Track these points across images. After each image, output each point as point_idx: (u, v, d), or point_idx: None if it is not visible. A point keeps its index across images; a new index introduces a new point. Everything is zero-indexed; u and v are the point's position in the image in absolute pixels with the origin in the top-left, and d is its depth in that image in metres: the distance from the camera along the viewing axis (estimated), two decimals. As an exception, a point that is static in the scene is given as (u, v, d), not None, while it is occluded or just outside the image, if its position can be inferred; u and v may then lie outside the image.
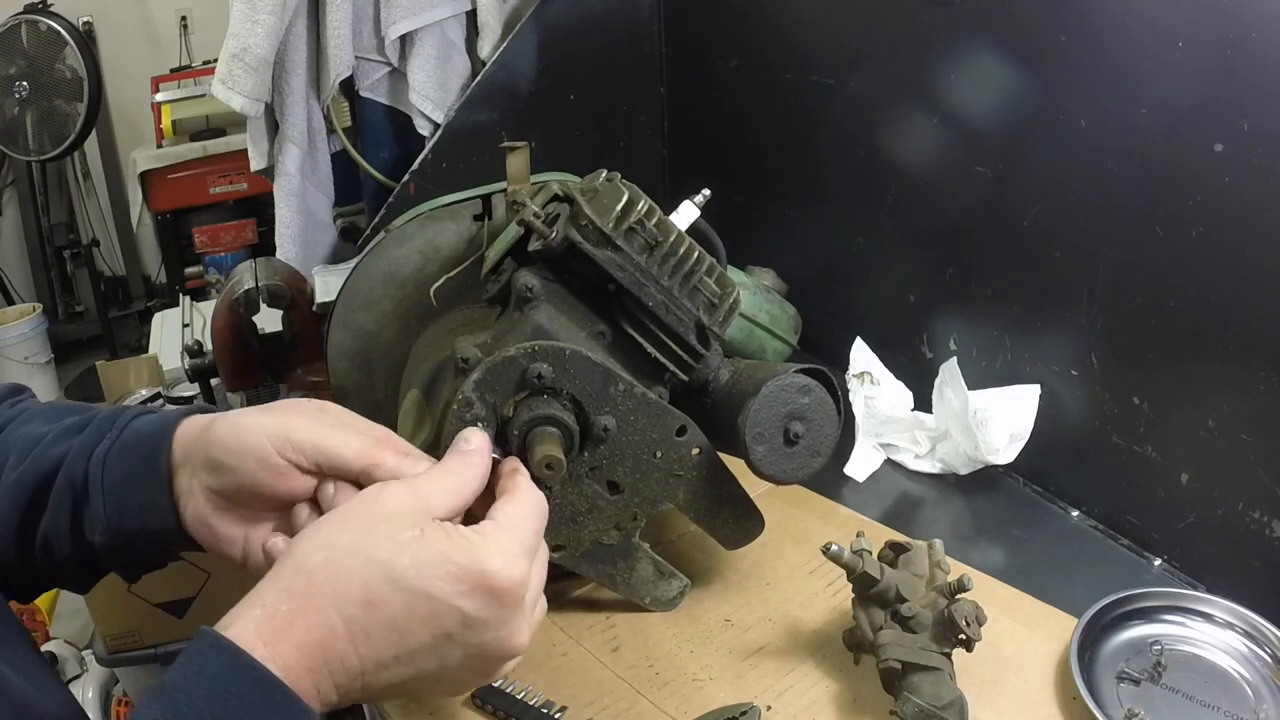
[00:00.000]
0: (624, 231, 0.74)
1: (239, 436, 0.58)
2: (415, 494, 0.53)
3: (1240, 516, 0.86)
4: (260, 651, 0.46)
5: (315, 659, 0.47)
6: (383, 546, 0.49)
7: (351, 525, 0.51)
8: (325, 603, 0.47)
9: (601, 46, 1.42)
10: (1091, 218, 0.93)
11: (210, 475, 0.59)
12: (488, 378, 0.71)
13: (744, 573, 0.92)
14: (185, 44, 3.64)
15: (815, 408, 0.79)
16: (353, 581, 0.48)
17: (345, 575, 0.48)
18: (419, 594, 0.49)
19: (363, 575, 0.48)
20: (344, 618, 0.48)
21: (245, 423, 0.59)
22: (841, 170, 1.23)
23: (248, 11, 1.28)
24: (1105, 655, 0.80)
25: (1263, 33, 0.75)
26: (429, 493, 0.54)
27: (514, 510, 0.55)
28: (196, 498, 0.60)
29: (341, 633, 0.48)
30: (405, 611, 0.49)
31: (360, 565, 0.48)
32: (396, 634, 0.49)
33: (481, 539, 0.52)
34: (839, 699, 0.78)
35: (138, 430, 0.63)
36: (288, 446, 0.58)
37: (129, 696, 1.66)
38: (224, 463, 0.58)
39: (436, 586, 0.49)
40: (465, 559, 0.50)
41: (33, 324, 3.34)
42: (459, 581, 0.49)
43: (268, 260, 1.34)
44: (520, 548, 0.53)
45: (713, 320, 0.79)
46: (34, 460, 0.62)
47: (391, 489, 0.53)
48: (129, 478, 0.61)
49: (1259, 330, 0.81)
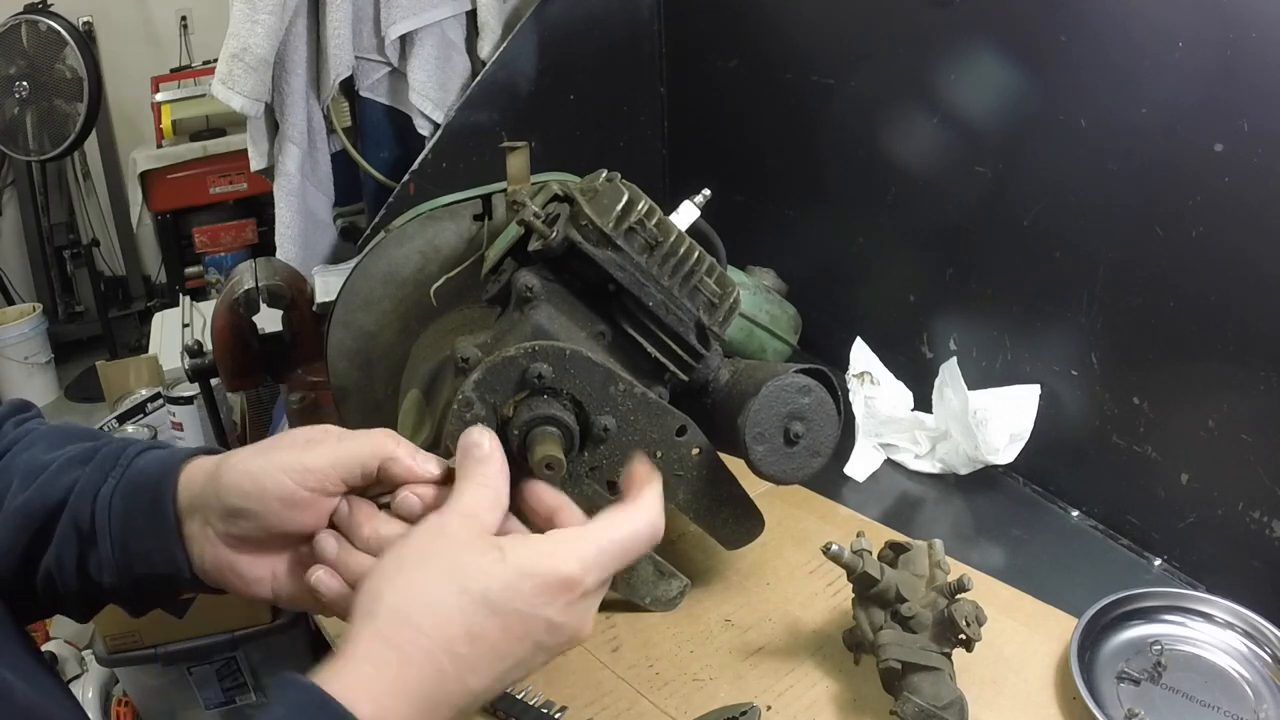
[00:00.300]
0: (624, 231, 0.74)
1: (256, 480, 0.58)
2: (471, 518, 0.54)
3: (1240, 516, 0.86)
4: (367, 711, 0.46)
5: (425, 708, 0.48)
6: (474, 578, 0.50)
7: (434, 564, 0.51)
8: (432, 646, 0.48)
9: (601, 46, 1.42)
10: (1091, 218, 0.93)
11: (228, 522, 0.59)
12: (488, 378, 0.71)
13: (744, 573, 0.92)
14: (185, 44, 3.64)
15: (815, 408, 0.79)
16: (455, 620, 0.49)
17: (448, 616, 0.49)
18: (512, 614, 0.50)
19: (463, 611, 0.49)
20: (451, 657, 0.49)
21: (257, 465, 0.58)
22: (841, 170, 1.23)
23: (248, 11, 1.28)
24: (1105, 655, 0.80)
25: (1263, 33, 0.75)
26: (478, 512, 0.54)
27: (605, 521, 0.55)
28: (214, 545, 0.60)
29: (450, 673, 0.49)
30: (503, 635, 0.50)
31: (460, 602, 0.49)
32: (498, 658, 0.50)
33: (553, 544, 0.53)
34: (839, 699, 0.78)
35: (143, 470, 0.62)
36: (308, 477, 0.57)
37: (129, 696, 1.66)
38: (244, 508, 0.58)
39: (526, 602, 0.50)
40: (546, 570, 0.51)
41: (33, 324, 3.34)
42: (543, 593, 0.51)
43: (268, 260, 1.34)
44: (597, 549, 0.53)
45: (713, 320, 0.79)
46: (39, 490, 0.62)
47: (447, 519, 0.53)
48: (136, 523, 0.60)
49: (1259, 330, 0.81)
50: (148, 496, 0.61)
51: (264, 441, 0.61)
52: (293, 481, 0.57)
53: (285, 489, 0.57)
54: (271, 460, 0.58)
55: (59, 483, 0.62)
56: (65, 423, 0.70)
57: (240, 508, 0.58)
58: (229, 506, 0.58)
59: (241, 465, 0.59)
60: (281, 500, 0.57)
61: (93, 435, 0.67)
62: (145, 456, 0.63)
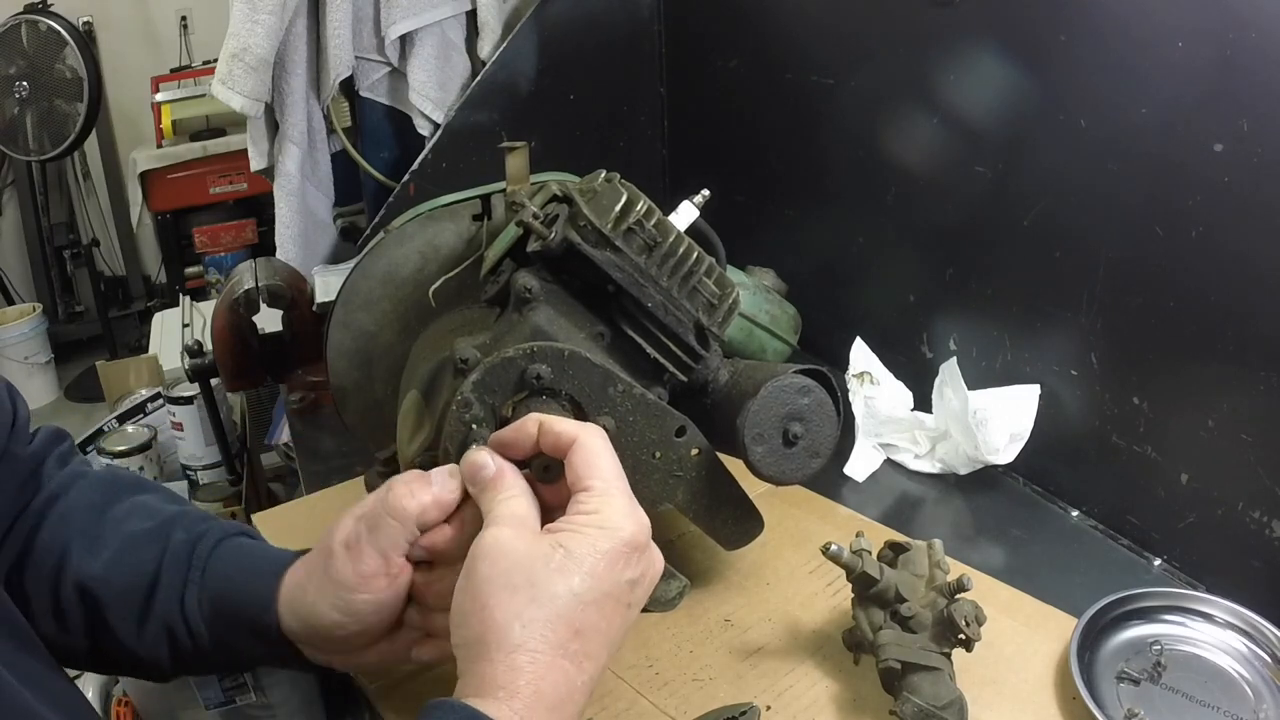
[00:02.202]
0: (622, 232, 0.74)
1: (319, 620, 0.63)
2: (519, 525, 0.55)
3: (1240, 516, 0.86)
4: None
5: (568, 709, 0.51)
6: (555, 582, 0.52)
7: (512, 584, 0.52)
8: (551, 657, 0.51)
9: (601, 46, 1.42)
10: (1092, 217, 0.93)
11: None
12: (486, 379, 0.71)
13: (744, 573, 0.92)
14: (185, 44, 3.64)
15: (814, 408, 0.79)
16: (558, 627, 0.51)
17: (551, 625, 0.51)
18: (601, 595, 0.53)
19: (560, 616, 0.52)
20: (569, 657, 0.51)
21: (310, 608, 0.64)
22: (842, 170, 1.23)
23: (248, 11, 1.28)
24: (1105, 655, 0.80)
25: (1263, 32, 0.75)
26: (522, 517, 0.56)
27: (592, 466, 0.57)
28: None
29: (573, 670, 0.51)
30: (602, 616, 0.53)
31: (555, 609, 0.52)
32: (606, 635, 0.54)
33: (600, 516, 0.55)
34: (839, 699, 0.78)
35: (230, 585, 0.67)
36: (355, 602, 0.62)
37: (129, 696, 1.66)
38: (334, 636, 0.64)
39: (607, 580, 0.53)
40: (609, 544, 0.53)
41: (33, 324, 3.34)
42: (615, 563, 0.53)
43: (268, 260, 1.34)
44: (625, 496, 0.56)
45: (712, 321, 0.79)
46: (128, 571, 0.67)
47: (499, 537, 0.54)
48: (235, 634, 0.67)
49: (1259, 330, 0.81)
50: (246, 617, 0.66)
51: (311, 563, 0.65)
52: (342, 615, 0.62)
53: (344, 623, 0.62)
54: (321, 600, 0.63)
55: (142, 567, 0.66)
56: (111, 470, 0.73)
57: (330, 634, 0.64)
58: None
59: (304, 611, 0.64)
60: (351, 621, 0.62)
61: (142, 486, 0.72)
62: (223, 561, 0.67)
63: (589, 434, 0.59)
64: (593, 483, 0.56)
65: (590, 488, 0.56)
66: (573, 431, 0.59)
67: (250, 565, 0.67)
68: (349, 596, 0.61)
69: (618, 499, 0.56)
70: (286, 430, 1.55)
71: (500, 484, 0.58)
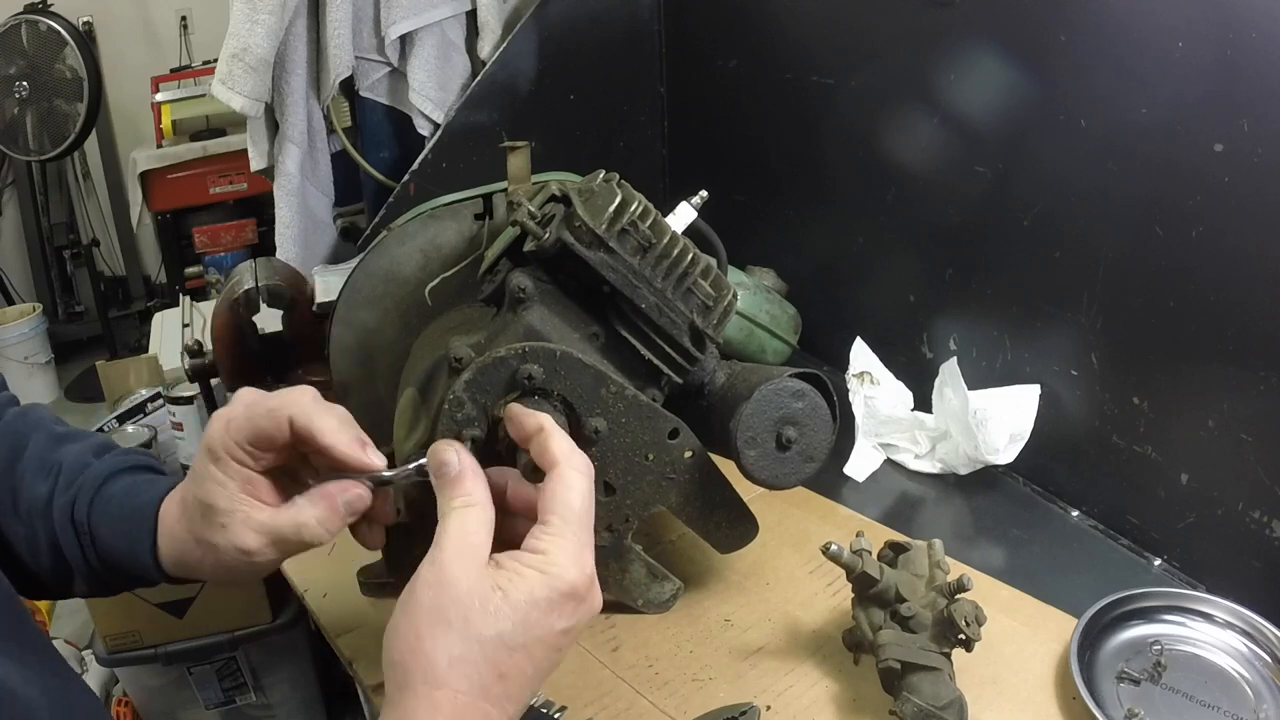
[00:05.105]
0: (617, 233, 0.74)
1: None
2: (465, 553, 0.54)
3: (1240, 516, 0.86)
4: None
5: None
6: (488, 625, 0.52)
7: (447, 622, 0.52)
8: (471, 700, 0.51)
9: (601, 46, 1.42)
10: (1092, 218, 0.93)
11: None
12: (478, 378, 0.71)
13: (743, 573, 0.92)
14: (185, 44, 3.64)
15: (809, 412, 0.79)
16: (482, 669, 0.52)
17: (475, 668, 0.51)
18: (532, 642, 0.53)
19: (486, 660, 0.52)
20: (490, 699, 0.52)
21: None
22: (842, 170, 1.23)
23: (248, 11, 1.28)
24: (1105, 655, 0.80)
25: (1263, 32, 0.75)
26: (469, 539, 0.55)
27: (559, 500, 0.56)
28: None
29: (493, 713, 0.52)
30: (530, 661, 0.53)
31: (482, 653, 0.52)
32: (529, 681, 0.54)
33: (546, 559, 0.54)
34: (839, 699, 0.78)
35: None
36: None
37: (129, 696, 1.66)
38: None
39: (539, 626, 0.53)
40: (545, 591, 0.53)
41: (33, 324, 3.34)
42: (550, 612, 0.53)
43: (268, 260, 1.34)
44: (577, 542, 0.55)
45: (707, 323, 0.79)
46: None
47: (444, 564, 0.54)
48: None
49: (1259, 330, 0.81)
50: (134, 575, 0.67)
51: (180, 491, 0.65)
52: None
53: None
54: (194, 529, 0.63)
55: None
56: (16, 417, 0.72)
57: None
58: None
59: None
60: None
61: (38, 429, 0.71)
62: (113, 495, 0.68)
63: (570, 466, 0.57)
64: (552, 518, 0.55)
65: (548, 523, 0.55)
66: (556, 457, 0.58)
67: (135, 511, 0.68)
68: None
69: (569, 542, 0.54)
70: (286, 430, 1.55)
71: (459, 486, 0.57)
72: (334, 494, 0.61)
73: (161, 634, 1.52)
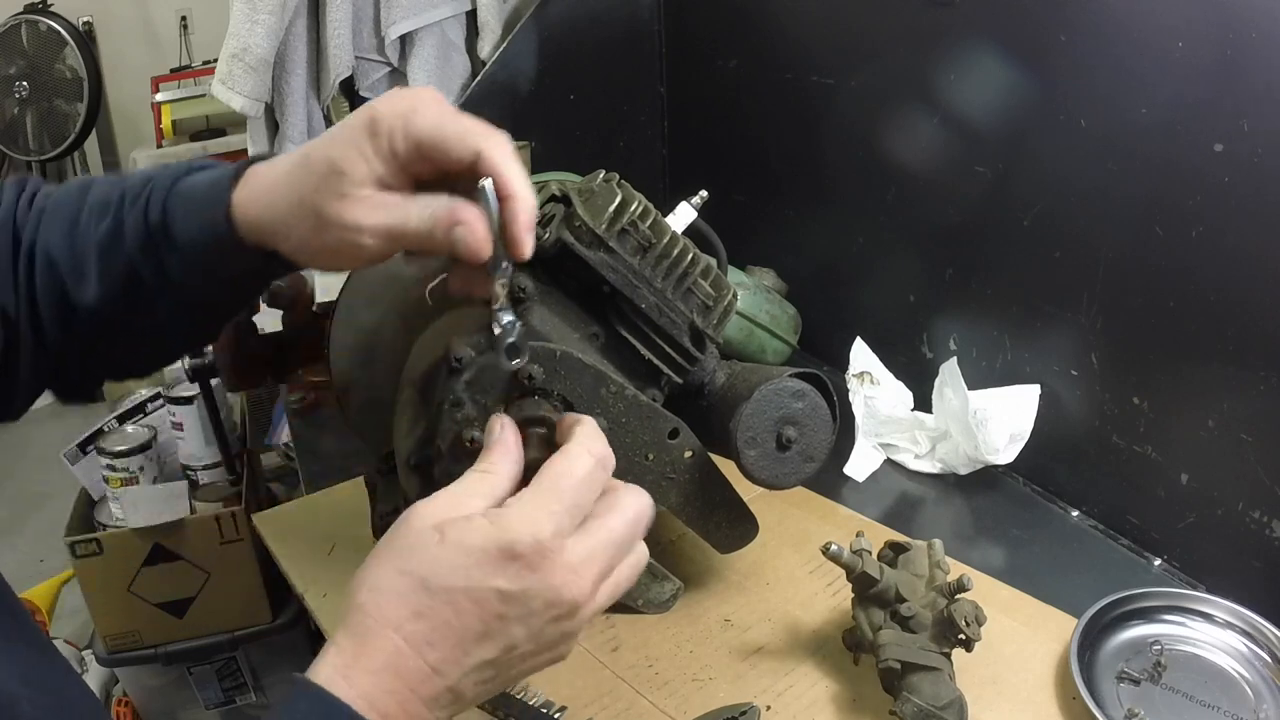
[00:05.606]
0: (617, 233, 0.74)
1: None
2: (446, 500, 0.54)
3: (1240, 516, 0.86)
4: (340, 686, 0.49)
5: (390, 680, 0.50)
6: (415, 562, 0.51)
7: (386, 557, 0.52)
8: (382, 628, 0.50)
9: (601, 46, 1.42)
10: (1092, 218, 0.93)
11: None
12: (479, 378, 0.71)
13: (743, 573, 0.92)
14: (185, 44, 3.64)
15: (809, 412, 0.79)
16: (398, 602, 0.51)
17: (390, 599, 0.51)
18: (456, 591, 0.50)
19: (400, 593, 0.51)
20: (402, 635, 0.50)
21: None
22: (842, 170, 1.23)
23: (248, 11, 1.28)
24: (1105, 655, 0.80)
25: (1263, 33, 0.75)
26: (462, 493, 0.54)
27: (550, 471, 0.54)
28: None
29: (405, 649, 0.50)
30: (452, 610, 0.51)
31: (398, 585, 0.51)
32: (454, 634, 0.51)
33: (505, 513, 0.52)
34: (839, 699, 0.78)
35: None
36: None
37: (129, 696, 1.66)
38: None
39: (468, 576, 0.50)
40: (483, 541, 0.51)
41: (33, 324, 3.34)
42: (484, 564, 0.50)
43: (267, 260, 1.34)
44: (542, 507, 0.52)
45: (706, 323, 0.79)
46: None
47: (419, 507, 0.54)
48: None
49: (1259, 330, 0.81)
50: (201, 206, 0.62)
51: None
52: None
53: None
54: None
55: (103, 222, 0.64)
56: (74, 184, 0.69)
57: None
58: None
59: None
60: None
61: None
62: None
63: (582, 445, 0.55)
64: (536, 484, 0.54)
65: (538, 484, 0.54)
66: (576, 436, 0.56)
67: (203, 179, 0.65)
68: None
69: (531, 505, 0.52)
70: (286, 430, 1.55)
71: (485, 456, 0.57)
72: (464, 215, 0.56)
73: (161, 634, 1.52)
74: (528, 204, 0.57)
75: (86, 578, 1.45)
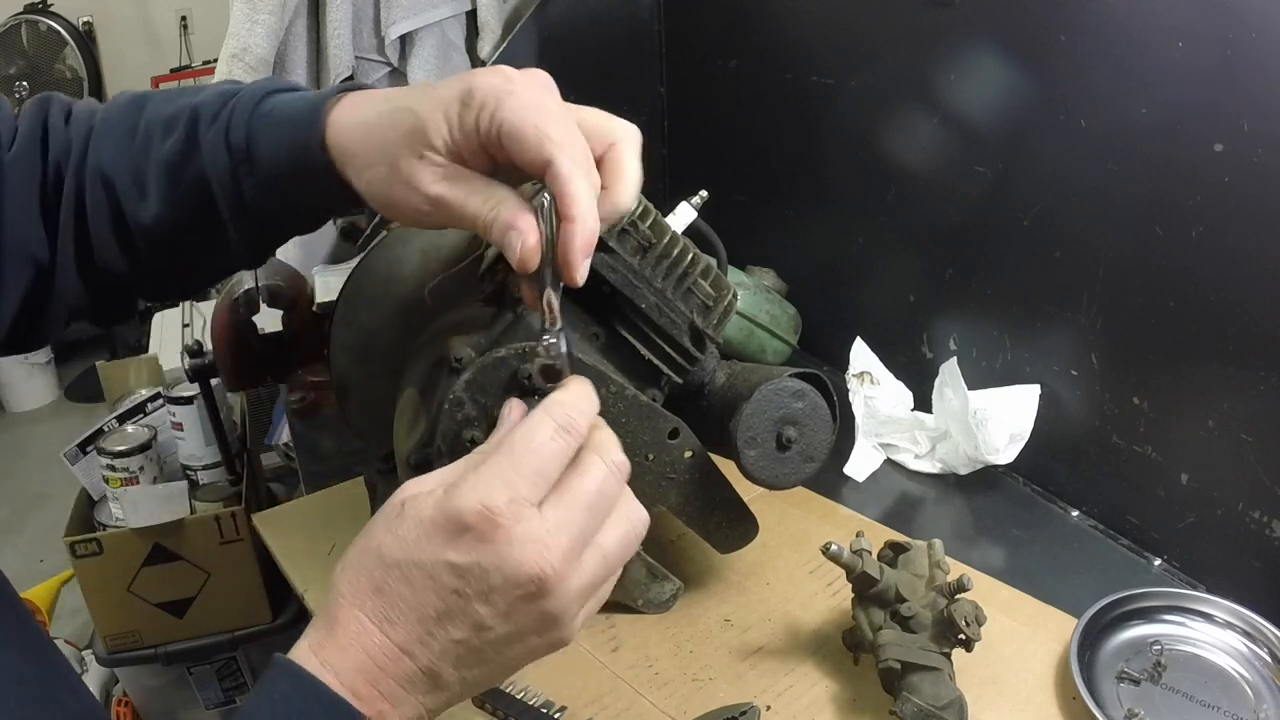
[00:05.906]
0: (617, 233, 0.74)
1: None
2: (433, 478, 0.52)
3: (1240, 516, 0.86)
4: (314, 664, 0.49)
5: (358, 657, 0.49)
6: (373, 535, 0.51)
7: (361, 534, 0.52)
8: (348, 604, 0.50)
9: (602, 46, 1.42)
10: (1092, 218, 0.93)
11: None
12: (478, 378, 0.71)
13: (743, 573, 0.92)
14: (185, 44, 3.64)
15: (809, 412, 0.79)
16: (360, 578, 0.50)
17: (354, 576, 0.50)
18: (409, 564, 0.49)
19: (363, 568, 0.50)
20: (365, 611, 0.49)
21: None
22: (842, 170, 1.23)
23: (248, 11, 1.28)
24: (1105, 655, 0.80)
25: (1263, 33, 0.75)
26: (444, 472, 0.52)
27: (508, 438, 0.51)
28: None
29: (369, 625, 0.49)
30: (407, 586, 0.49)
31: (360, 561, 0.51)
32: (413, 610, 0.49)
33: (456, 485, 0.49)
34: (839, 699, 0.78)
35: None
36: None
37: (129, 696, 1.66)
38: None
39: (419, 549, 0.49)
40: (432, 512, 0.49)
41: (33, 324, 3.34)
42: (434, 536, 0.48)
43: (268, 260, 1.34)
44: (500, 476, 0.49)
45: (707, 323, 0.79)
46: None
47: (401, 487, 0.53)
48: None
49: (1259, 330, 0.81)
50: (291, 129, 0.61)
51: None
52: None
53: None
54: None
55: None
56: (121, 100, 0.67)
57: None
58: None
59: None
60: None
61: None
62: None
63: (544, 408, 0.52)
64: (500, 447, 0.51)
65: (495, 451, 0.51)
66: (553, 397, 0.54)
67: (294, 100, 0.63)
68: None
69: (482, 472, 0.49)
70: (286, 430, 1.56)
71: (493, 436, 0.55)
72: (521, 223, 0.54)
73: (161, 634, 1.52)
74: (586, 229, 0.53)
75: (86, 578, 1.45)
